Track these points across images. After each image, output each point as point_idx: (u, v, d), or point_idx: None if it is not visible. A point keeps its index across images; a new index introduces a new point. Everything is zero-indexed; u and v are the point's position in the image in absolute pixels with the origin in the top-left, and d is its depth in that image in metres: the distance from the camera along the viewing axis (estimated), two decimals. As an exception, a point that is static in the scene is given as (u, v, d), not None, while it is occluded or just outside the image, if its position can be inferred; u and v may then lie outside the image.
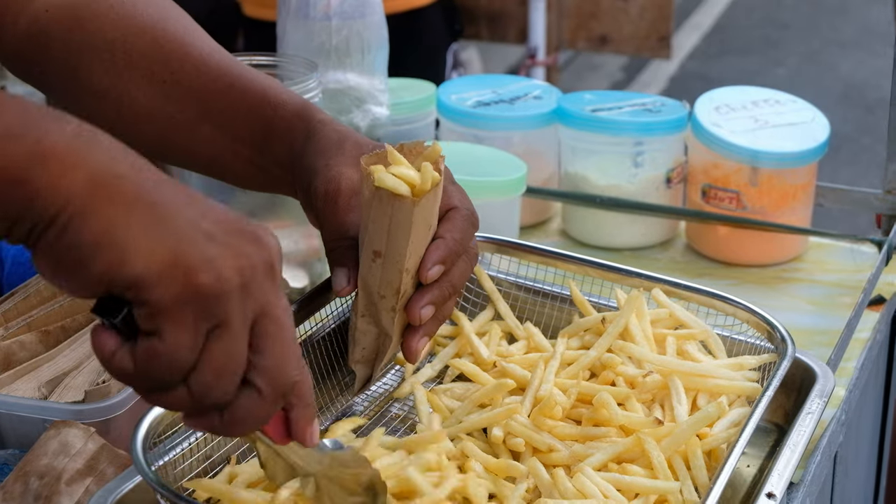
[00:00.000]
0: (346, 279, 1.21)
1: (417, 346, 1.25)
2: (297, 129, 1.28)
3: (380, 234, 1.17)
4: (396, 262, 1.18)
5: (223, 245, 0.88)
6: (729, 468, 1.12)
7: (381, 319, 1.24)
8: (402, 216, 1.16)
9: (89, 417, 1.23)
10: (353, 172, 1.21)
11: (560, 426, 1.25)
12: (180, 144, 1.34)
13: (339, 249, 1.22)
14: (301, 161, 1.25)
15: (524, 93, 1.99)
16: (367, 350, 1.28)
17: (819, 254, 1.87)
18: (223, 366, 0.89)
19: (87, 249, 0.84)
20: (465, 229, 1.23)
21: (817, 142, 1.81)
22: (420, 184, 1.15)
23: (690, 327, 1.37)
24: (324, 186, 1.21)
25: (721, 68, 7.53)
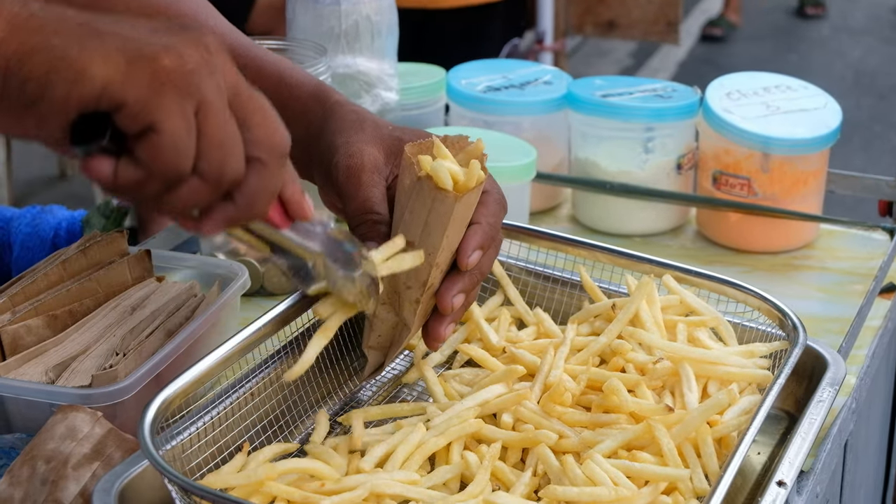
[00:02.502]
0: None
1: (445, 334, 1.25)
2: (313, 110, 1.27)
3: (416, 225, 1.17)
4: (429, 254, 1.18)
5: (171, 36, 0.90)
6: (739, 456, 1.11)
7: (403, 310, 1.23)
8: (443, 210, 1.15)
9: (96, 402, 1.23)
10: (374, 150, 1.22)
11: (570, 413, 1.25)
12: None
13: (366, 224, 1.21)
14: (319, 141, 1.25)
15: (534, 78, 1.98)
16: (383, 337, 1.28)
17: (830, 241, 1.86)
18: (223, 139, 0.91)
19: (41, 81, 0.86)
20: (498, 213, 1.24)
21: (829, 128, 1.80)
22: (465, 180, 1.15)
23: (701, 314, 1.37)
24: (346, 161, 1.21)
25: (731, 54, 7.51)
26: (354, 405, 1.36)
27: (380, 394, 1.39)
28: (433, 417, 1.24)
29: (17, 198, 4.81)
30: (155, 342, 1.35)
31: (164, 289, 1.45)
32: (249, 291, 1.62)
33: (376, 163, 1.22)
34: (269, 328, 1.26)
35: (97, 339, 1.36)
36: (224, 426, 1.20)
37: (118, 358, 1.31)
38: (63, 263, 1.43)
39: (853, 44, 7.67)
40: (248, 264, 1.63)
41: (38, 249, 1.86)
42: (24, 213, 1.92)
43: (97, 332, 1.37)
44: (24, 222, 1.89)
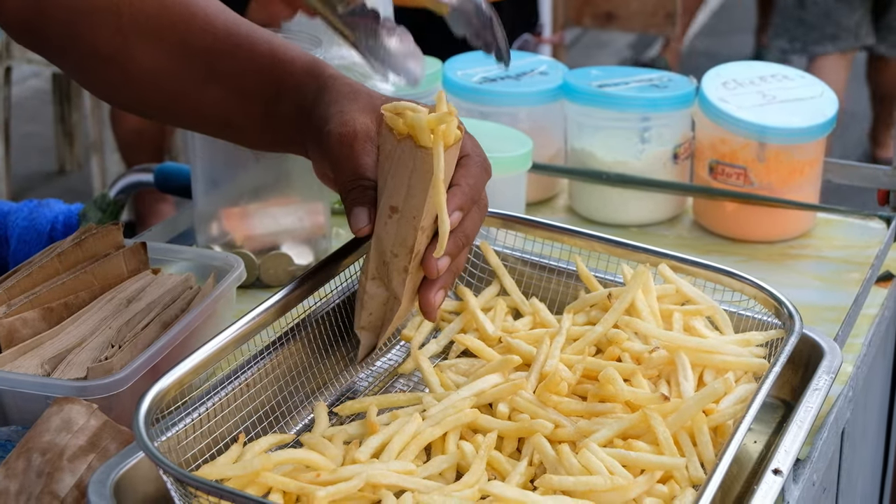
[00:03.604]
0: (366, 218, 1.21)
1: (435, 299, 1.25)
2: (308, 84, 1.28)
3: (399, 189, 1.18)
4: (413, 217, 1.18)
5: None
6: (735, 444, 1.11)
7: (392, 281, 1.23)
8: (424, 168, 1.16)
9: (92, 394, 1.23)
10: (368, 119, 1.22)
11: (565, 402, 1.25)
12: (188, 106, 1.33)
13: (356, 190, 1.21)
14: (313, 113, 1.25)
15: (530, 69, 1.98)
16: (374, 316, 1.28)
17: (827, 230, 1.86)
18: None
19: None
20: (479, 175, 1.24)
21: (825, 117, 1.80)
22: (444, 137, 1.16)
23: (697, 303, 1.36)
24: (338, 129, 1.21)
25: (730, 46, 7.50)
26: (350, 396, 1.36)
27: (376, 384, 1.39)
28: (429, 408, 1.23)
29: (15, 193, 4.81)
30: (150, 334, 1.35)
31: (160, 281, 1.45)
32: (245, 283, 1.62)
33: (368, 131, 1.22)
34: (264, 319, 1.27)
35: (93, 331, 1.36)
36: (219, 417, 1.20)
37: (113, 350, 1.31)
38: (59, 256, 1.43)
39: (852, 34, 7.65)
40: (245, 256, 1.63)
41: (34, 243, 1.85)
42: (20, 207, 1.92)
43: (93, 325, 1.37)
44: (21, 216, 1.89)
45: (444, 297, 1.27)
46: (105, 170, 4.65)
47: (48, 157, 5.49)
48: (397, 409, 1.28)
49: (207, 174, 1.66)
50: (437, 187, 1.17)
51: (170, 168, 1.97)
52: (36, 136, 5.80)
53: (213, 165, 1.66)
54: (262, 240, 1.67)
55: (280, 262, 1.66)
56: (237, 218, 1.67)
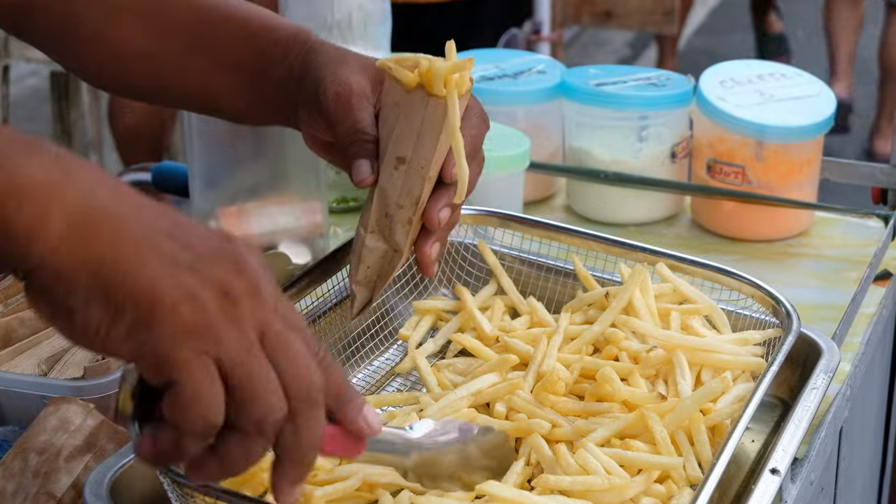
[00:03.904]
0: (369, 169, 1.21)
1: (431, 251, 1.25)
2: (295, 50, 1.28)
3: (407, 139, 1.19)
4: (421, 167, 1.19)
5: (202, 274, 0.85)
6: (732, 444, 1.11)
7: (395, 233, 1.23)
8: (436, 117, 1.17)
9: (89, 394, 1.23)
10: (361, 78, 1.23)
11: (563, 401, 1.25)
12: (175, 81, 1.33)
13: (357, 143, 1.22)
14: (305, 78, 1.25)
15: (528, 67, 1.97)
16: (371, 270, 1.27)
17: (825, 228, 1.86)
18: (252, 388, 0.86)
19: (81, 298, 0.83)
20: (479, 126, 1.25)
21: (823, 116, 1.80)
22: (456, 84, 1.17)
23: (695, 302, 1.36)
24: (334, 89, 1.22)
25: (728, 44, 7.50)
26: (348, 395, 1.35)
27: (373, 384, 1.39)
28: (426, 407, 1.23)
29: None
30: (147, 334, 1.34)
31: (157, 280, 1.45)
32: (243, 283, 1.62)
33: (364, 89, 1.23)
34: (262, 319, 1.26)
35: (90, 331, 1.35)
36: (216, 417, 1.20)
37: (110, 350, 1.31)
38: (55, 255, 1.43)
39: (851, 32, 7.66)
40: (242, 255, 1.62)
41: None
42: (17, 206, 1.91)
43: (90, 324, 1.36)
44: (18, 215, 1.89)
45: (440, 251, 1.28)
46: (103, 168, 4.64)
47: (46, 158, 5.49)
48: (395, 408, 1.28)
49: (204, 173, 1.66)
50: (454, 135, 1.19)
51: (167, 167, 1.97)
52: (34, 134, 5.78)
53: (210, 164, 1.66)
54: (260, 239, 1.67)
55: (278, 261, 1.66)
56: (234, 217, 1.67)
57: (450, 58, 1.19)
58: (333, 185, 1.89)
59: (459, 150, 1.20)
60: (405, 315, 1.47)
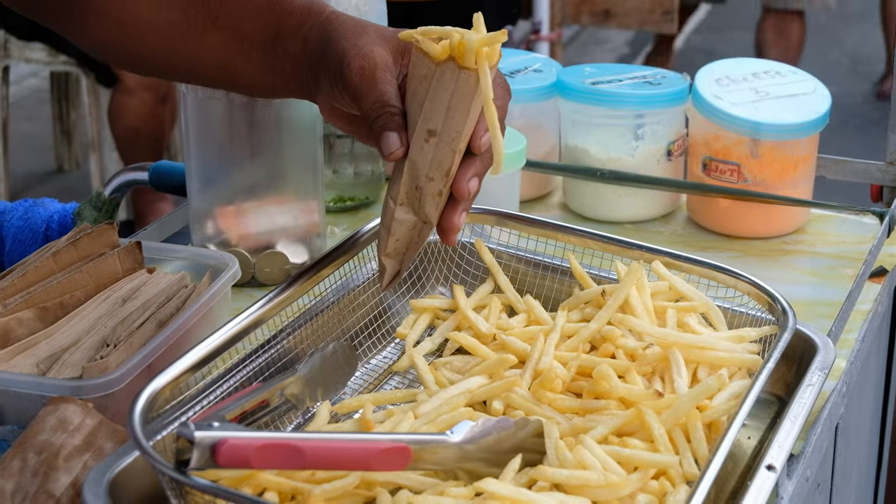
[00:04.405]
0: (398, 141, 1.21)
1: (459, 221, 1.26)
2: (309, 22, 1.28)
3: (438, 112, 1.19)
4: (452, 140, 1.20)
5: None
6: (728, 441, 1.11)
7: (425, 205, 1.24)
8: (466, 89, 1.18)
9: (87, 393, 1.23)
10: (383, 51, 1.24)
11: (560, 399, 1.25)
12: (187, 54, 1.34)
13: (384, 116, 1.22)
14: (325, 50, 1.26)
15: (524, 66, 1.98)
16: (401, 242, 1.27)
17: (821, 225, 1.86)
18: None
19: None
20: (504, 97, 1.26)
21: (818, 113, 1.80)
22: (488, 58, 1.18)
23: (691, 299, 1.37)
24: (359, 62, 1.22)
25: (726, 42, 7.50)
26: (346, 394, 1.36)
27: (371, 382, 1.39)
28: (423, 405, 1.24)
29: (13, 192, 4.81)
30: (146, 333, 1.35)
31: (155, 280, 1.46)
32: (241, 282, 1.62)
33: (387, 62, 1.24)
34: (259, 317, 1.27)
35: (88, 330, 1.36)
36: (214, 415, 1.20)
37: (109, 349, 1.31)
38: (54, 256, 1.43)
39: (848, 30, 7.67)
40: (240, 255, 1.63)
41: (30, 242, 1.86)
42: (16, 207, 1.92)
43: (88, 324, 1.37)
44: (17, 215, 1.89)
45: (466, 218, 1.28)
46: (103, 168, 4.65)
47: (46, 156, 5.49)
48: (393, 405, 1.28)
49: (202, 172, 1.67)
50: (488, 106, 1.19)
51: (165, 166, 1.97)
52: (34, 135, 5.81)
53: (208, 164, 1.66)
54: (257, 238, 1.67)
55: (275, 260, 1.66)
56: (232, 216, 1.68)
57: (478, 30, 1.19)
58: (331, 185, 1.89)
59: (494, 122, 1.20)
60: (403, 314, 1.47)
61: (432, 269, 1.49)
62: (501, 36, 1.18)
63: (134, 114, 4.35)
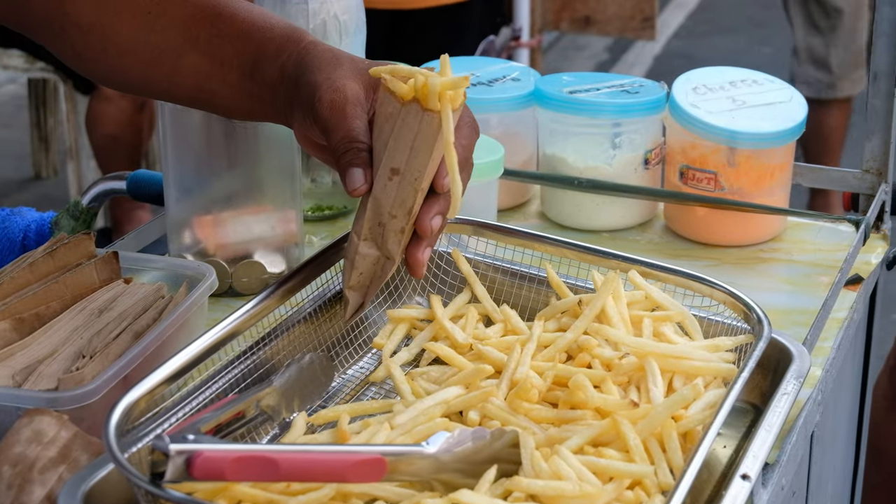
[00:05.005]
0: (362, 178, 1.23)
1: (423, 257, 1.28)
2: (288, 50, 1.30)
3: (402, 151, 1.21)
4: (415, 179, 1.21)
5: None
6: (703, 451, 1.12)
7: (388, 241, 1.26)
8: (430, 131, 1.19)
9: (63, 405, 1.23)
10: (356, 84, 1.25)
11: (536, 409, 1.25)
12: (165, 75, 1.35)
13: (351, 152, 1.23)
14: (299, 80, 1.27)
15: (502, 75, 1.98)
16: (364, 275, 1.30)
17: (797, 233, 1.87)
18: None
19: None
20: (470, 136, 1.28)
21: (795, 122, 1.81)
22: (452, 101, 1.19)
23: (667, 309, 1.37)
24: (329, 96, 1.24)
25: (706, 48, 7.53)
26: (322, 405, 1.36)
27: (348, 392, 1.39)
28: (399, 416, 1.24)
29: (-10, 199, 4.80)
30: (122, 344, 1.35)
31: (132, 290, 1.45)
32: (218, 292, 1.62)
33: (358, 96, 1.25)
34: (237, 328, 1.27)
35: (64, 341, 1.36)
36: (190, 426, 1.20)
37: (85, 361, 1.31)
38: (30, 266, 1.43)
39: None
40: (217, 265, 1.63)
41: (7, 252, 1.85)
42: (-7, 216, 1.91)
43: (64, 335, 1.37)
44: (-7, 225, 1.89)
45: (430, 254, 1.30)
46: (81, 176, 4.64)
47: (24, 163, 5.48)
48: (370, 416, 1.28)
49: (179, 182, 1.67)
50: (448, 150, 1.20)
51: (142, 175, 1.97)
52: (11, 141, 5.79)
53: (185, 173, 1.66)
54: (235, 248, 1.67)
55: (253, 270, 1.66)
56: (209, 226, 1.68)
57: (444, 72, 1.20)
58: (309, 194, 1.89)
59: (453, 165, 1.22)
60: (380, 324, 1.47)
61: (409, 278, 1.50)
62: (464, 81, 1.19)
63: (111, 121, 4.34)
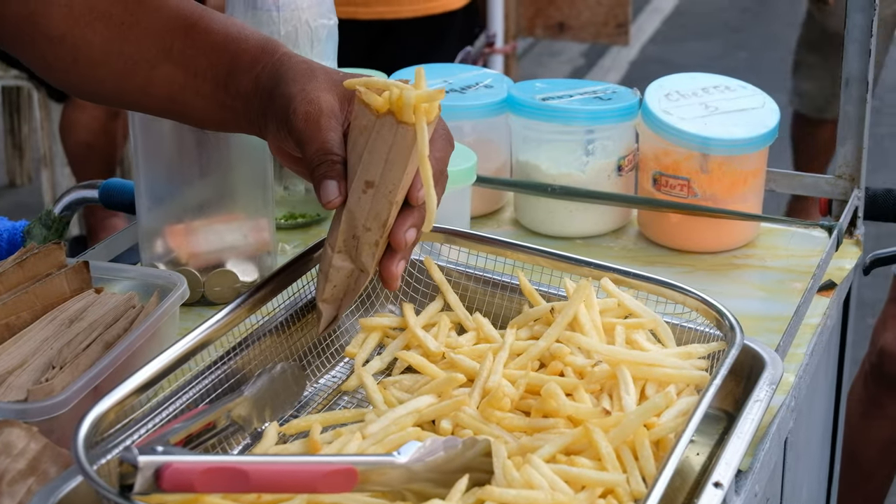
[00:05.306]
0: (336, 190, 1.23)
1: (398, 270, 1.28)
2: (262, 61, 1.30)
3: (376, 164, 1.20)
4: (389, 192, 1.21)
5: None
6: (675, 458, 1.12)
7: (361, 254, 1.25)
8: (405, 143, 1.19)
9: (32, 416, 1.22)
10: (331, 96, 1.25)
11: (508, 418, 1.25)
12: (137, 86, 1.35)
13: (325, 164, 1.23)
14: (274, 91, 1.27)
15: (475, 82, 1.98)
16: (338, 288, 1.29)
17: (771, 239, 1.87)
18: None
19: None
20: (445, 148, 1.28)
21: (767, 128, 1.81)
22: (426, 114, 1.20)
23: (639, 316, 1.37)
24: (304, 108, 1.23)
25: (682, 52, 7.55)
26: (294, 415, 1.35)
27: (320, 402, 1.39)
28: (371, 425, 1.23)
29: (-35, 208, 4.77)
30: (92, 355, 1.34)
31: (103, 300, 1.44)
32: (190, 301, 1.62)
33: (333, 108, 1.25)
34: (208, 337, 1.27)
35: (34, 352, 1.35)
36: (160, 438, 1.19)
37: (54, 371, 1.30)
38: (0, 277, 1.42)
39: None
40: (189, 274, 1.62)
41: (-22, 264, 1.84)
42: (-36, 225, 1.90)
43: (34, 346, 1.36)
44: (-35, 234, 1.88)
45: (404, 267, 1.30)
46: (55, 183, 4.63)
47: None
48: (342, 426, 1.28)
49: (150, 190, 1.66)
50: (423, 163, 1.20)
51: (114, 184, 1.96)
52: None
53: (156, 182, 1.65)
54: (207, 257, 1.66)
55: (225, 279, 1.65)
56: (181, 235, 1.67)
57: (419, 84, 1.19)
58: (281, 202, 1.89)
59: (428, 177, 1.22)
60: (352, 332, 1.47)
61: (382, 287, 1.49)
62: (439, 94, 1.19)
63: (85, 129, 4.32)
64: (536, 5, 4.79)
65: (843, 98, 1.86)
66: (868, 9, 1.80)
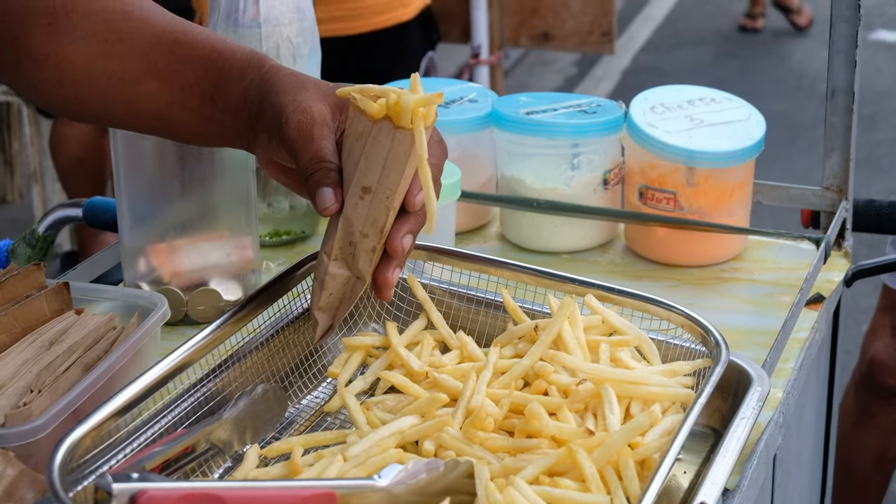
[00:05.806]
0: (332, 197, 1.22)
1: (393, 277, 1.27)
2: (249, 74, 1.29)
3: (373, 170, 1.20)
4: (387, 197, 1.21)
5: None
6: (659, 479, 1.10)
7: (359, 261, 1.25)
8: (402, 149, 1.18)
9: (10, 441, 1.21)
10: (322, 106, 1.24)
11: (492, 438, 1.24)
12: (123, 103, 1.34)
13: (320, 171, 1.22)
14: (263, 103, 1.26)
15: (459, 96, 1.97)
16: (334, 296, 1.29)
17: (758, 252, 1.86)
18: None
19: None
20: (440, 155, 1.27)
21: (753, 140, 1.80)
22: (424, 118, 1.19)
23: (624, 333, 1.36)
24: (297, 117, 1.23)
25: (674, 61, 7.55)
26: (276, 436, 1.34)
27: (302, 423, 1.38)
28: (353, 447, 1.22)
29: (-45, 224, 4.76)
30: (71, 377, 1.32)
31: (83, 322, 1.43)
32: (174, 320, 1.60)
33: (325, 117, 1.24)
34: (189, 357, 1.26)
35: (12, 375, 1.33)
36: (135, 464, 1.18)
37: (33, 395, 1.29)
38: (-22, 299, 1.41)
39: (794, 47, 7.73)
40: (172, 293, 1.61)
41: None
42: (-52, 245, 1.89)
43: (13, 369, 1.34)
44: (-52, 254, 1.86)
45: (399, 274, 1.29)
46: (46, 199, 4.61)
47: (-11, 187, 5.44)
48: (324, 447, 1.26)
49: (132, 209, 1.64)
50: (422, 167, 1.20)
51: (98, 203, 1.95)
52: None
53: (138, 200, 1.64)
54: (190, 276, 1.65)
55: (208, 298, 1.64)
56: (164, 254, 1.66)
57: (415, 90, 1.19)
58: (265, 219, 1.88)
59: (428, 182, 1.21)
60: (335, 352, 1.45)
61: (364, 305, 1.48)
62: (437, 98, 1.19)
63: (75, 144, 4.31)
64: (521, 15, 4.78)
65: (828, 109, 1.85)
66: (853, 19, 1.79)
